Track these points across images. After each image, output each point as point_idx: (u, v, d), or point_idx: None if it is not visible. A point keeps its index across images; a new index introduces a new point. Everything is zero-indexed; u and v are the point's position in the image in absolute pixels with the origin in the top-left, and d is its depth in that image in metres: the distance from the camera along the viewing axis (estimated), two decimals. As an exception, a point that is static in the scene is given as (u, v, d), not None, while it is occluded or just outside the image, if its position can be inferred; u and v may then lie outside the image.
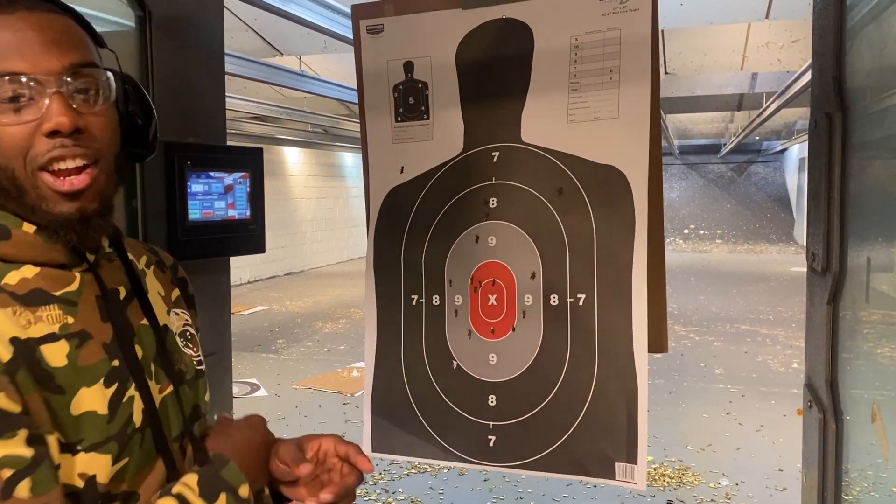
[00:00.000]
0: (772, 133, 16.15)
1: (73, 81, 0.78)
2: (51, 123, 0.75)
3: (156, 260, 1.01)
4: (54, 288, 0.80)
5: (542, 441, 1.43)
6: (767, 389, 6.17)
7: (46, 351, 0.76)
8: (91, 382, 0.78)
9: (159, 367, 0.88)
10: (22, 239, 0.79)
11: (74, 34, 0.81)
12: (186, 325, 0.99)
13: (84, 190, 0.78)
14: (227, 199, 1.64)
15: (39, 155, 0.76)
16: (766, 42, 6.15)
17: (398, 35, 1.51)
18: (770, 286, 12.29)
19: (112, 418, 0.79)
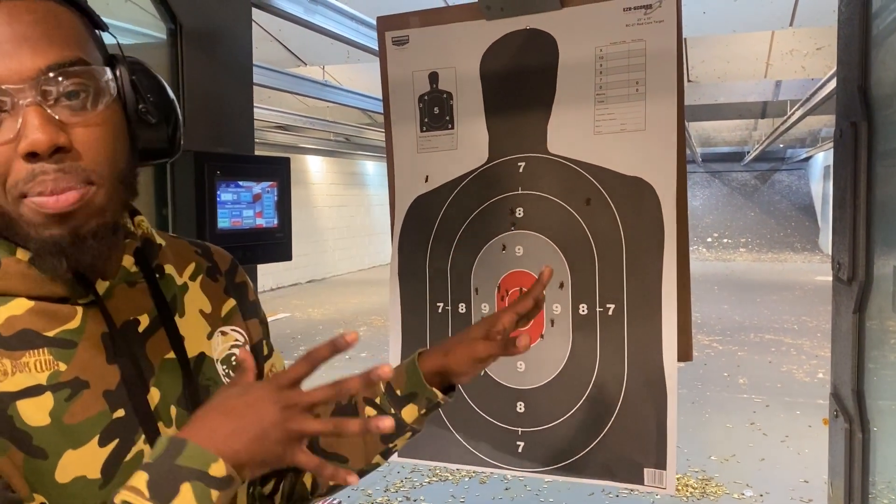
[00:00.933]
0: (796, 141, 15.99)
1: (56, 86, 0.63)
2: (25, 143, 0.61)
3: (207, 266, 0.87)
4: (48, 327, 0.68)
5: (571, 447, 1.44)
6: (792, 400, 6.10)
7: (24, 407, 0.64)
8: (79, 443, 0.66)
9: (183, 408, 0.74)
10: (13, 269, 0.67)
11: (58, 23, 0.65)
12: (234, 346, 0.84)
13: (75, 210, 0.64)
14: (255, 207, 1.67)
15: (19, 183, 0.63)
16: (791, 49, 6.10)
17: (423, 46, 1.53)
18: (795, 295, 12.14)
19: (108, 482, 0.67)
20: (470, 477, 4.52)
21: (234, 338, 0.85)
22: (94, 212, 0.66)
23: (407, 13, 1.54)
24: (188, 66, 1.54)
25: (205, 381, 0.79)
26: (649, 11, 1.35)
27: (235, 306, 0.87)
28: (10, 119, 0.62)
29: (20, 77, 0.61)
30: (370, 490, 4.39)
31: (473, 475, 4.54)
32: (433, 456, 1.56)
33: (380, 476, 4.57)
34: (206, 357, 0.80)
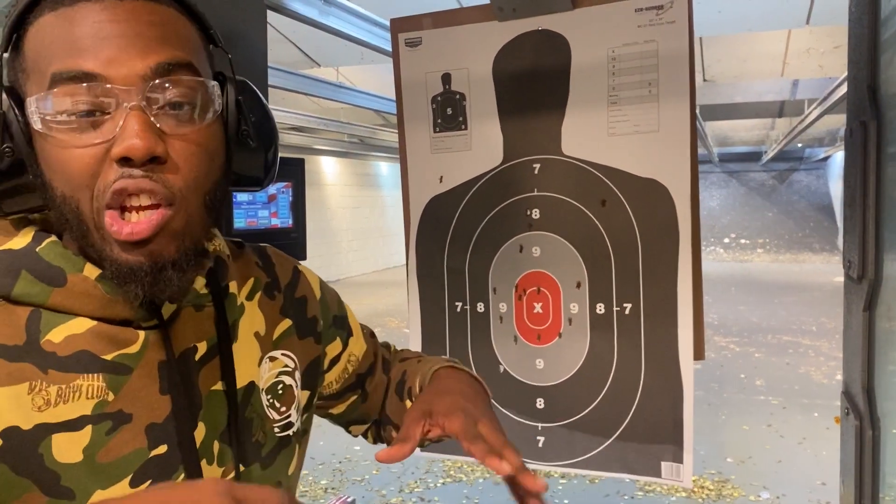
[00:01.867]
0: (814, 140, 15.85)
1: (162, 93, 0.60)
2: (120, 147, 0.58)
3: (266, 282, 0.81)
4: (106, 350, 0.64)
5: (590, 442, 1.47)
6: (810, 401, 6.05)
7: (59, 442, 0.61)
8: (110, 482, 0.63)
9: (226, 444, 0.70)
10: (79, 287, 0.63)
11: (173, 27, 0.62)
12: (283, 374, 0.79)
13: (154, 234, 0.60)
14: (270, 207, 1.69)
15: (107, 188, 0.59)
16: (808, 48, 6.06)
17: (436, 47, 1.55)
18: (813, 296, 12.04)
19: None
20: (484, 478, 4.53)
21: (283, 364, 0.79)
22: (172, 236, 0.62)
23: (420, 15, 1.55)
24: (205, 69, 1.57)
25: (250, 413, 0.74)
26: (661, 12, 1.35)
27: (291, 326, 0.82)
28: (110, 121, 0.59)
29: (127, 78, 0.59)
30: (384, 491, 4.41)
31: (487, 476, 4.55)
32: (455, 449, 1.59)
33: (394, 477, 4.59)
34: (255, 387, 0.75)
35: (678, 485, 1.40)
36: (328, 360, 0.89)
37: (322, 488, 4.46)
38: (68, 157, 0.60)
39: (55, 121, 0.59)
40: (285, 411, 0.78)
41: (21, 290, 0.62)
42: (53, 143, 0.60)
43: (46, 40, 0.60)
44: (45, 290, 0.63)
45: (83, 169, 0.59)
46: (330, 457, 4.95)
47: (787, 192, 22.23)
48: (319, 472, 4.70)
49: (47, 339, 0.62)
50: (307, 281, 0.88)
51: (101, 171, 0.59)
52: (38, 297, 0.63)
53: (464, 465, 4.72)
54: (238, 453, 0.71)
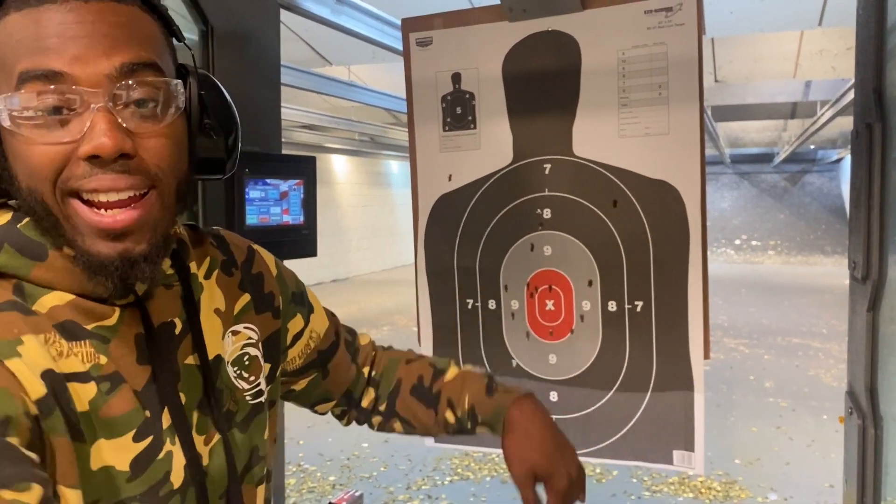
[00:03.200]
0: (827, 142, 15.76)
1: (129, 89, 0.62)
2: (89, 146, 0.60)
3: (222, 260, 0.84)
4: (87, 321, 0.67)
5: (603, 433, 1.50)
6: (819, 404, 6.03)
7: (73, 390, 0.64)
8: (113, 435, 0.66)
9: (204, 414, 0.75)
10: (59, 263, 0.66)
11: (137, 26, 0.64)
12: (247, 346, 0.83)
13: (131, 229, 0.63)
14: (282, 204, 1.71)
15: (72, 178, 0.61)
16: (820, 49, 6.03)
17: (446, 47, 1.56)
18: (824, 299, 11.98)
19: (135, 477, 0.67)
20: (492, 476, 4.54)
21: (246, 336, 0.83)
22: (149, 230, 0.65)
23: (431, 15, 1.57)
24: (219, 67, 1.59)
25: (220, 384, 0.78)
26: (670, 14, 1.36)
27: (250, 301, 0.85)
28: (77, 119, 0.61)
29: (93, 77, 0.60)
30: (392, 488, 4.43)
31: (495, 474, 4.56)
32: (468, 440, 1.62)
33: (402, 474, 4.61)
34: (222, 360, 0.79)
35: (690, 472, 1.43)
36: (291, 335, 0.93)
37: (330, 484, 4.49)
38: (34, 153, 0.61)
39: (22, 117, 0.61)
40: (254, 380, 0.82)
41: (4, 262, 0.65)
42: (20, 140, 0.62)
43: (13, 39, 0.61)
44: (28, 264, 0.66)
45: (48, 164, 0.61)
46: (338, 453, 4.97)
47: (798, 193, 22.10)
48: (328, 469, 4.73)
49: (35, 308, 0.65)
50: (262, 259, 0.91)
51: (65, 166, 0.61)
52: (21, 270, 0.66)
53: (471, 462, 4.73)
54: (216, 420, 0.75)
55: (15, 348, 0.61)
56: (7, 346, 0.61)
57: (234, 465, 0.77)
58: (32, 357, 0.61)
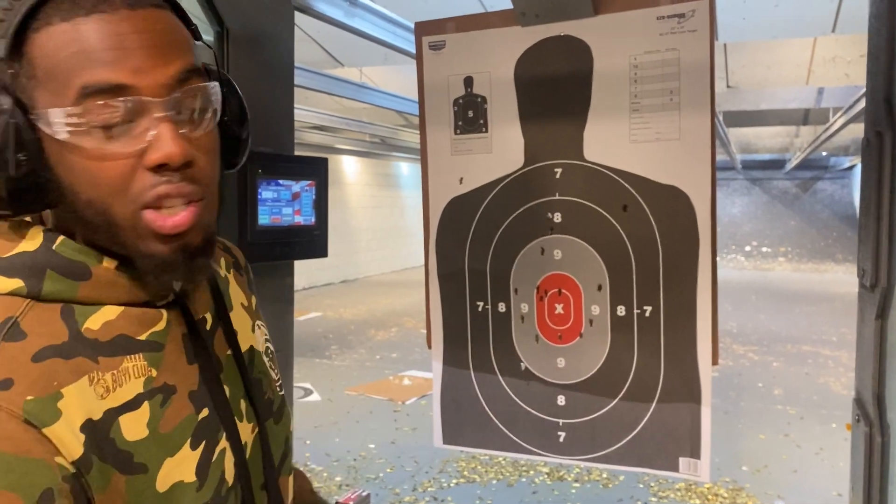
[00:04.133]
0: (839, 149, 15.67)
1: (183, 99, 0.64)
2: (158, 155, 0.62)
3: (233, 261, 0.88)
4: (139, 331, 0.67)
5: (610, 438, 1.50)
6: (828, 412, 6.00)
7: (125, 423, 0.64)
8: (175, 449, 0.67)
9: (248, 403, 0.77)
10: (103, 278, 0.66)
11: (178, 32, 0.65)
12: (268, 341, 0.87)
13: (189, 229, 0.65)
14: (294, 205, 1.73)
15: (144, 191, 0.63)
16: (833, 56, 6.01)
17: (459, 51, 1.57)
18: (834, 307, 11.91)
19: (203, 484, 0.68)
20: (498, 480, 4.54)
21: (264, 332, 0.87)
22: (202, 227, 0.67)
23: (444, 19, 1.58)
24: (233, 68, 1.60)
25: (256, 373, 0.81)
26: (682, 20, 1.37)
27: (257, 302, 0.90)
28: (139, 130, 0.62)
29: (155, 88, 0.62)
30: (398, 489, 4.44)
31: (501, 478, 4.56)
32: (477, 443, 1.63)
33: (408, 476, 4.62)
34: (255, 350, 0.82)
35: (696, 480, 1.43)
36: None
37: (337, 484, 4.50)
38: (99, 166, 0.62)
39: (83, 131, 0.61)
40: (278, 372, 0.86)
41: (50, 289, 0.64)
42: (81, 153, 0.62)
43: (66, 51, 0.60)
44: (73, 286, 0.65)
45: (116, 176, 0.62)
46: (345, 454, 4.99)
47: (810, 200, 21.98)
48: (334, 469, 4.75)
49: (86, 327, 0.65)
50: (250, 269, 0.94)
51: (134, 176, 0.62)
52: (67, 292, 0.65)
53: (478, 465, 4.74)
54: (257, 409, 0.77)
55: (56, 406, 0.60)
56: (46, 408, 0.59)
57: (272, 455, 0.79)
58: (72, 410, 0.60)
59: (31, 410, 0.58)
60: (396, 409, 6.04)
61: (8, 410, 0.57)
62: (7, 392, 0.57)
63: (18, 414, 0.57)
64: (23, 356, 0.60)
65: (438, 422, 1.67)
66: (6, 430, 0.56)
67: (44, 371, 0.60)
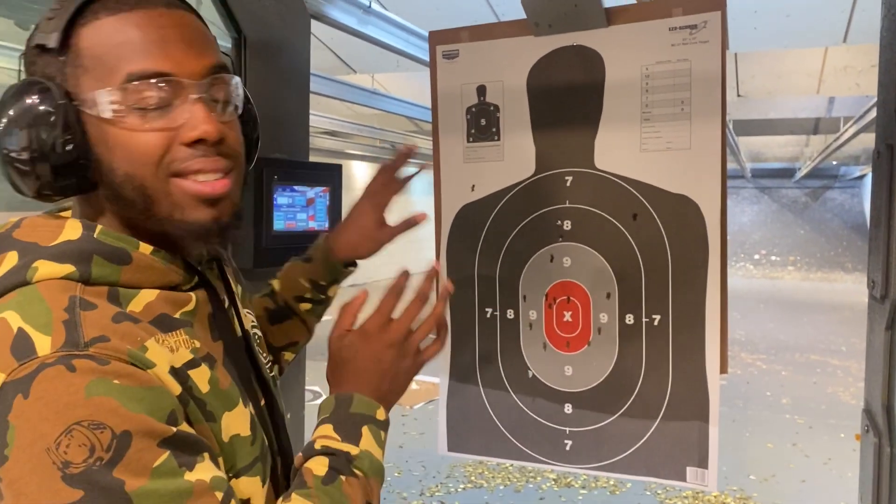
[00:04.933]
0: (850, 158, 15.61)
1: (214, 87, 0.72)
2: (197, 132, 0.69)
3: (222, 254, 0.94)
4: (174, 310, 0.74)
5: (617, 447, 1.50)
6: (837, 422, 5.97)
7: (194, 377, 0.71)
8: (232, 405, 0.74)
9: (256, 379, 0.85)
10: (142, 262, 0.73)
11: (208, 34, 0.75)
12: (254, 327, 0.93)
13: (223, 196, 0.73)
14: (308, 211, 1.75)
15: (175, 161, 0.70)
16: (845, 66, 6.00)
17: (472, 60, 1.59)
18: (844, 316, 11.85)
19: (255, 439, 0.76)
20: (505, 485, 4.54)
21: (251, 319, 0.94)
22: (232, 202, 0.75)
23: (457, 28, 1.59)
24: (250, 75, 1.63)
25: (258, 354, 0.88)
26: (694, 31, 1.38)
27: (244, 291, 0.96)
28: (177, 111, 0.70)
29: (191, 74, 0.70)
30: (405, 493, 4.45)
31: (509, 483, 4.56)
32: (483, 451, 1.63)
33: (415, 480, 4.63)
34: (254, 331, 0.91)
35: (703, 489, 1.43)
36: None
37: (344, 489, 4.51)
38: (139, 140, 0.69)
39: (128, 111, 0.68)
40: (266, 355, 0.93)
41: (98, 273, 0.70)
42: (123, 129, 0.69)
43: (113, 41, 0.68)
44: (116, 270, 0.71)
45: (153, 150, 0.69)
46: (352, 458, 4.99)
47: (820, 209, 21.88)
48: (341, 473, 4.75)
49: (130, 309, 0.70)
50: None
51: (169, 150, 0.70)
52: (112, 276, 0.70)
53: (485, 470, 4.74)
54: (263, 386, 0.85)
55: (146, 356, 0.66)
56: (142, 356, 0.66)
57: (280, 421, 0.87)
58: (159, 359, 0.67)
59: (133, 356, 0.65)
60: (404, 413, 6.05)
61: (117, 357, 0.63)
62: (109, 343, 0.64)
63: (126, 359, 0.64)
64: (104, 320, 0.66)
65: (443, 429, 1.67)
66: (125, 370, 0.63)
67: (125, 330, 0.67)
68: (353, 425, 0.80)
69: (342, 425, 0.79)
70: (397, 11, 3.15)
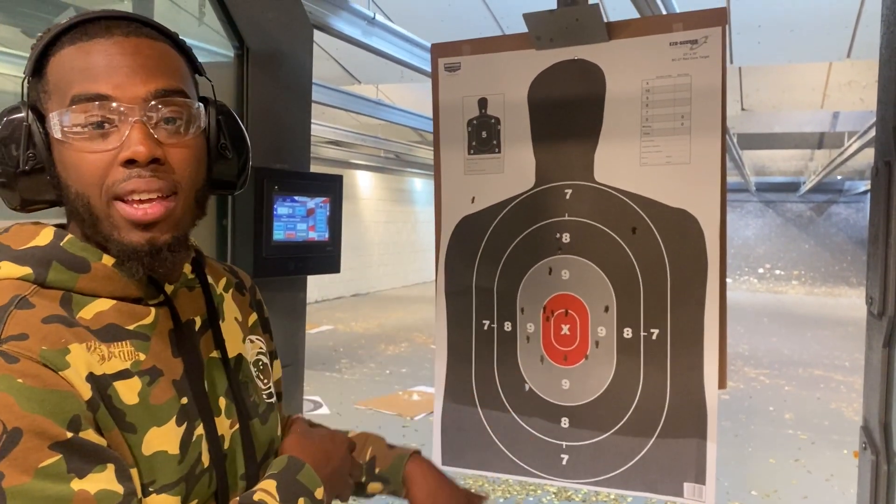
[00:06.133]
0: (855, 173, 15.59)
1: (160, 110, 0.74)
2: (127, 152, 0.72)
3: (235, 282, 0.99)
4: (128, 322, 0.77)
5: (614, 461, 1.49)
6: (840, 438, 5.93)
7: (120, 388, 0.73)
8: (162, 422, 0.76)
9: (230, 401, 0.86)
10: (101, 272, 0.76)
11: (167, 60, 0.77)
12: (260, 354, 0.96)
13: (157, 221, 0.74)
14: (308, 221, 1.75)
15: (115, 184, 0.73)
16: (849, 81, 6.01)
17: (474, 73, 1.59)
18: (847, 331, 11.80)
19: (183, 458, 0.77)
20: (505, 498, 4.52)
21: (259, 346, 0.97)
22: (172, 225, 0.76)
23: (460, 41, 1.60)
24: (252, 86, 1.63)
25: (243, 378, 0.90)
26: (695, 46, 1.38)
27: (257, 320, 0.99)
28: (117, 132, 0.73)
29: (133, 97, 0.73)
30: None
31: (509, 496, 4.54)
32: (478, 465, 1.62)
33: (415, 491, 4.60)
34: (243, 358, 0.92)
35: None
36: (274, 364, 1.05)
37: (343, 499, 4.49)
38: (83, 161, 0.74)
39: (72, 131, 0.73)
40: (267, 383, 0.95)
41: (53, 277, 0.75)
42: (70, 149, 0.74)
43: (67, 68, 0.74)
44: (74, 277, 0.76)
45: (94, 170, 0.73)
46: (352, 468, 4.98)
47: (824, 224, 21.83)
48: (341, 484, 4.73)
49: (80, 316, 0.75)
50: (259, 294, 1.05)
51: (109, 172, 0.73)
52: (68, 282, 0.75)
53: (484, 483, 4.72)
54: (240, 409, 0.87)
55: (65, 358, 0.70)
56: (58, 357, 0.69)
57: (254, 449, 0.88)
58: (78, 363, 0.71)
59: (46, 356, 0.69)
60: (405, 424, 6.03)
61: (28, 357, 0.68)
62: (25, 342, 0.68)
63: (37, 359, 0.68)
64: (33, 318, 0.71)
65: (438, 443, 1.66)
66: (32, 370, 0.67)
67: (52, 330, 0.71)
68: (293, 492, 0.82)
69: (284, 487, 0.82)
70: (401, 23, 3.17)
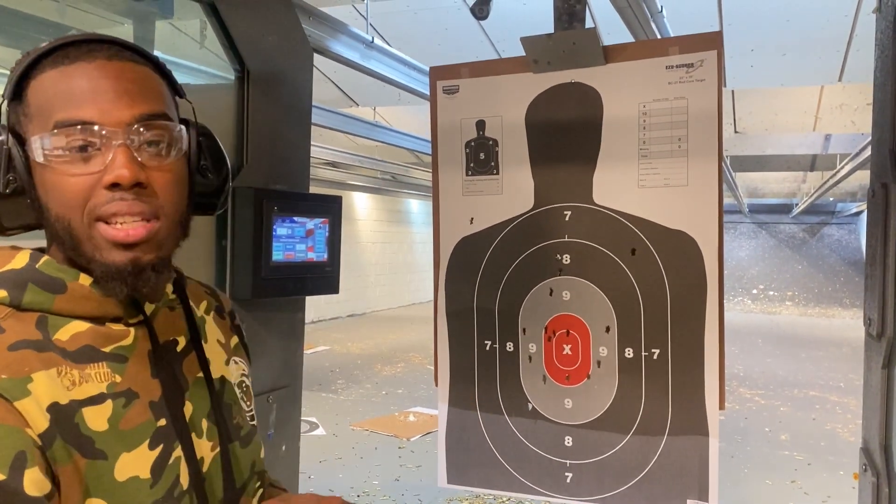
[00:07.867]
0: (847, 195, 15.69)
1: (143, 133, 0.74)
2: (111, 176, 0.72)
3: (216, 305, 0.98)
4: (105, 343, 0.77)
5: (618, 479, 1.49)
6: (836, 459, 5.91)
7: (88, 414, 0.73)
8: (133, 446, 0.75)
9: (212, 423, 0.85)
10: (77, 292, 0.76)
11: (150, 84, 0.77)
12: (243, 376, 0.96)
13: (140, 242, 0.74)
14: (307, 242, 1.76)
15: (97, 206, 0.73)
16: (840, 104, 6.07)
17: (472, 95, 1.61)
18: (842, 352, 11.80)
19: (156, 482, 0.76)
20: (502, 518, 4.49)
21: (242, 368, 0.96)
22: (155, 245, 0.76)
23: (458, 64, 1.62)
24: (252, 108, 1.64)
25: (227, 399, 0.90)
26: (691, 70, 1.40)
27: (238, 343, 0.99)
28: (100, 155, 0.73)
29: (117, 122, 0.73)
30: (401, 527, 4.38)
31: (506, 518, 4.50)
32: (483, 483, 1.62)
33: (417, 502, 4.57)
34: (227, 380, 0.92)
35: None
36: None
37: (338, 522, 4.45)
38: (66, 184, 0.73)
39: (54, 155, 0.73)
40: (250, 405, 0.95)
41: (30, 299, 0.75)
42: (52, 173, 0.74)
43: (49, 92, 0.74)
44: (50, 298, 0.75)
45: (78, 193, 0.73)
46: (348, 489, 4.94)
47: (817, 245, 21.92)
48: (336, 506, 4.69)
49: (56, 337, 0.74)
50: (236, 315, 1.04)
51: (91, 194, 0.73)
52: (45, 303, 0.75)
53: (485, 498, 4.68)
54: (223, 431, 0.86)
55: (25, 387, 0.69)
56: (17, 387, 0.69)
57: (233, 472, 0.86)
58: (41, 392, 0.70)
59: (3, 386, 0.68)
60: (401, 445, 5.99)
61: None
62: None
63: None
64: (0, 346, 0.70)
65: (443, 461, 1.66)
66: None
67: (17, 358, 0.70)
68: None
69: None
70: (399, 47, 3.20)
